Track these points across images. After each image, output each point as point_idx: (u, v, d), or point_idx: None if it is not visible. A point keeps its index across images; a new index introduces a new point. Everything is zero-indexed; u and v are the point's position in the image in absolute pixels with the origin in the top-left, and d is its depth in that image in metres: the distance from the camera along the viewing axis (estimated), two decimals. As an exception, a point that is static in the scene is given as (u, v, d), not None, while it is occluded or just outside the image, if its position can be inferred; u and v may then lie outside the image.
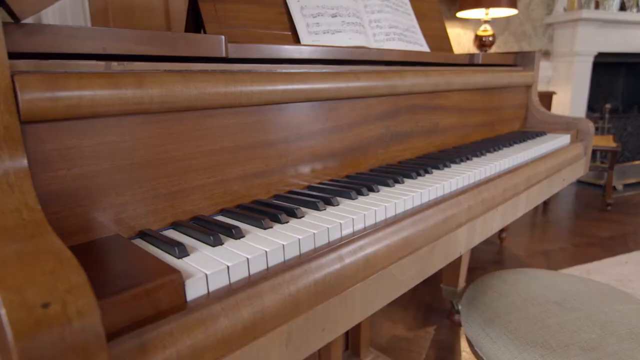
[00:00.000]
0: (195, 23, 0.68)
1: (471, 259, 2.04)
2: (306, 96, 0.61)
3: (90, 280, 0.27)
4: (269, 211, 0.51)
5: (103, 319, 0.26)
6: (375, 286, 0.51)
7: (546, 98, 2.79)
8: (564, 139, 1.15)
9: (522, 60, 1.27)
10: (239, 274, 0.40)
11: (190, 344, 0.34)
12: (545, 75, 3.25)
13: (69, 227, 0.42)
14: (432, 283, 1.79)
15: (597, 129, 3.35)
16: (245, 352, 0.38)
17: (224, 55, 0.58)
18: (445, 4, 2.80)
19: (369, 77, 0.70)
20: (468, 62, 1.12)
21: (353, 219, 0.51)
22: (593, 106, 3.69)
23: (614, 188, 3.18)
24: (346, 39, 0.80)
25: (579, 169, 1.19)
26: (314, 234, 0.46)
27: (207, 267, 0.38)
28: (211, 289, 0.38)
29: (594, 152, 3.37)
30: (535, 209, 2.78)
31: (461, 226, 0.66)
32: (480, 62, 1.12)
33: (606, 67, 3.75)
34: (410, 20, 1.01)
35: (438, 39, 1.14)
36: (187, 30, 0.70)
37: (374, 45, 0.89)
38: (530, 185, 0.89)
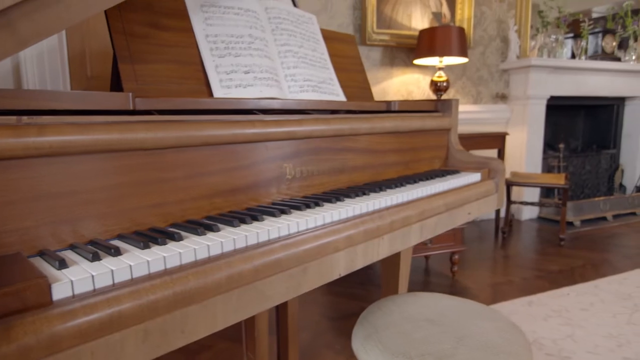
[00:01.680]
0: (118, 80, 0.81)
1: (425, 291, 2.13)
2: (202, 141, 0.73)
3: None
4: (155, 236, 0.62)
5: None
6: (239, 298, 0.61)
7: (500, 139, 2.97)
8: (474, 177, 1.28)
9: (442, 106, 1.42)
10: (103, 282, 0.50)
11: (49, 333, 0.44)
12: (503, 116, 3.45)
13: (-27, 246, 0.52)
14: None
15: (554, 167, 3.53)
16: (101, 343, 0.48)
17: (131, 108, 0.70)
18: (405, 52, 3.02)
19: (266, 124, 0.83)
20: (385, 108, 1.27)
21: (222, 242, 0.62)
22: (554, 145, 3.89)
23: (572, 224, 3.32)
24: (257, 92, 0.94)
25: (491, 204, 1.32)
26: (180, 253, 0.57)
27: (75, 276, 0.49)
28: (77, 292, 0.48)
29: (551, 189, 3.53)
30: (495, 243, 2.90)
31: (339, 251, 0.77)
32: (396, 108, 1.27)
33: (567, 109, 3.99)
34: (327, 73, 1.16)
35: (360, 89, 1.29)
36: (112, 85, 0.83)
37: (289, 96, 1.03)
38: (425, 218, 1.01)
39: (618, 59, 3.69)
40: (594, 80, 3.58)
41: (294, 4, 1.40)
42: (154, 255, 0.56)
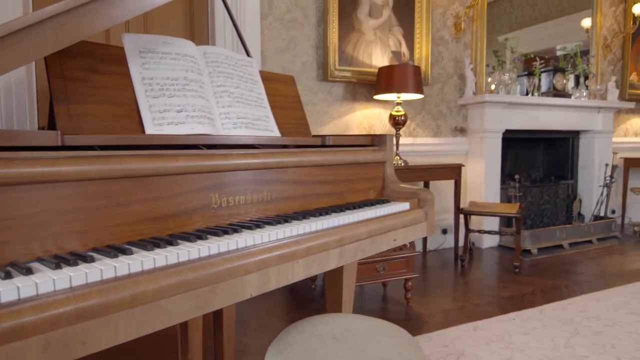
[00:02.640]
0: (54, 119, 0.90)
1: (379, 317, 2.20)
2: (123, 174, 0.82)
3: None
4: (69, 258, 0.70)
5: None
6: (143, 315, 0.69)
7: (456, 170, 3.12)
8: (403, 206, 1.39)
9: (378, 140, 1.54)
10: (9, 297, 0.58)
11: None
12: (462, 149, 3.62)
13: None
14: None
15: (512, 197, 3.68)
16: (2, 351, 0.55)
17: (59, 144, 0.79)
18: (367, 88, 3.18)
19: (189, 159, 0.92)
20: (321, 143, 1.38)
21: (129, 263, 0.70)
22: (518, 176, 4.06)
23: (529, 251, 3.45)
24: (188, 129, 1.03)
25: (419, 231, 1.42)
26: (86, 273, 0.65)
27: (-18, 292, 0.56)
28: (-18, 306, 0.56)
29: (510, 219, 3.67)
30: (455, 271, 2.99)
31: (250, 273, 0.85)
32: (330, 143, 1.38)
33: (527, 141, 4.20)
34: (263, 111, 1.27)
35: (297, 125, 1.40)
36: (49, 123, 0.92)
37: (222, 132, 1.13)
38: (345, 244, 1.10)
39: (569, 96, 3.93)
40: (547, 115, 3.79)
41: (246, 51, 1.53)
42: (62, 275, 0.64)
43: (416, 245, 3.45)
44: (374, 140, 1.54)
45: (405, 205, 1.40)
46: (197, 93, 1.10)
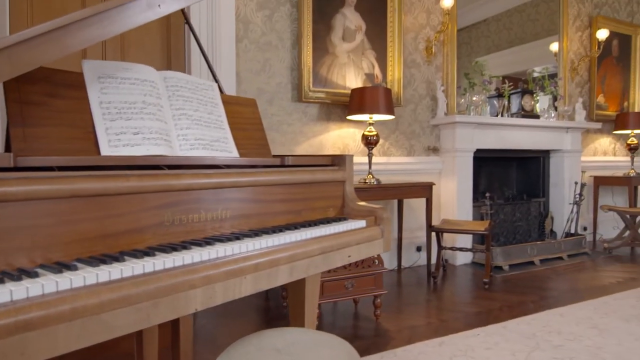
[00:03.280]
0: (9, 142, 0.94)
1: (348, 334, 2.23)
2: (71, 193, 0.86)
3: None
4: (15, 274, 0.73)
5: None
6: (83, 327, 0.73)
7: (427, 188, 3.20)
8: (359, 224, 1.44)
9: (338, 160, 1.60)
10: (-53, 311, 0.62)
11: None
12: (436, 167, 3.71)
13: None
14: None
15: (485, 214, 3.77)
16: (-63, 362, 0.58)
17: (11, 165, 0.84)
18: (341, 108, 3.27)
19: (141, 179, 0.97)
20: (280, 163, 1.44)
21: (71, 279, 0.74)
22: (491, 195, 4.16)
23: (501, 268, 3.52)
24: (144, 150, 1.08)
25: (375, 248, 1.47)
26: (27, 287, 0.69)
27: None
28: None
29: (482, 236, 3.74)
30: (427, 288, 3.04)
31: (195, 288, 0.90)
32: (289, 163, 1.44)
33: (500, 160, 4.32)
34: (222, 133, 1.32)
35: (258, 146, 1.46)
36: (6, 145, 0.97)
37: (179, 153, 1.18)
38: (296, 260, 1.14)
39: (537, 117, 4.07)
40: (517, 135, 3.92)
41: (213, 75, 1.60)
42: (4, 289, 0.67)
43: (390, 263, 3.51)
44: (334, 160, 1.61)
45: (361, 223, 1.45)
46: (154, 116, 1.15)
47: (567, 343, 2.09)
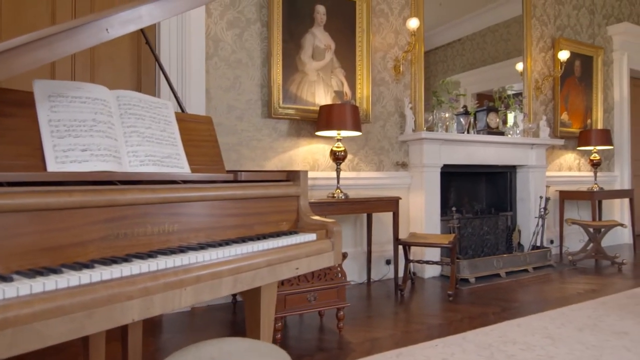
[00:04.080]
0: (-45, 157, 0.98)
1: (311, 346, 2.26)
2: (14, 208, 0.90)
3: None
4: (-52, 286, 0.77)
5: None
6: (15, 336, 0.76)
7: (394, 202, 3.28)
8: (309, 237, 1.50)
9: (292, 176, 1.66)
10: None
11: None
12: (405, 182, 3.80)
13: None
14: None
15: (452, 228, 3.86)
16: None
17: (-48, 181, 0.87)
18: (310, 124, 3.35)
19: (84, 194, 1.01)
20: (233, 178, 1.49)
21: (4, 289, 0.78)
22: (458, 208, 4.27)
23: (468, 280, 3.60)
24: (92, 166, 1.13)
25: (325, 261, 1.53)
26: (-43, 298, 0.72)
27: None
28: None
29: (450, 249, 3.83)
30: (395, 300, 3.10)
31: (132, 299, 0.93)
32: (242, 178, 1.49)
33: (470, 175, 4.44)
34: (174, 149, 1.37)
35: (211, 162, 1.51)
36: (-49, 161, 1.00)
37: (129, 169, 1.22)
38: (240, 272, 1.19)
39: (502, 133, 4.22)
40: (483, 151, 4.05)
41: (180, 105, 1.65)
42: None
43: (360, 276, 3.56)
44: (289, 176, 1.66)
45: (311, 236, 1.51)
46: (104, 133, 1.20)
47: (519, 353, 2.16)
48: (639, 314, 2.74)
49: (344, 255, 2.44)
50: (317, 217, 1.63)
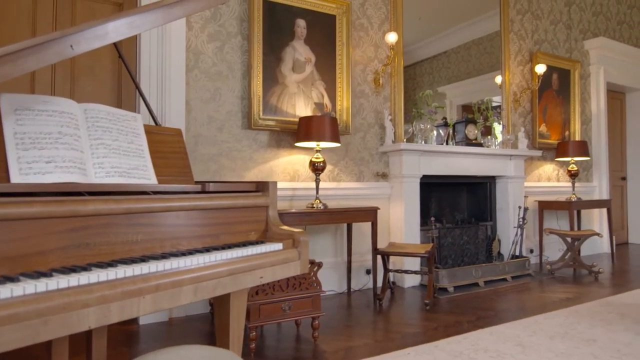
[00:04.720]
0: None
1: (286, 355, 2.28)
2: (-29, 219, 0.93)
3: None
4: None
5: None
6: (-34, 342, 0.79)
7: (372, 212, 3.33)
8: (276, 246, 1.54)
9: (262, 186, 1.70)
10: None
11: None
12: (385, 192, 3.86)
13: None
14: None
15: (431, 238, 3.92)
16: None
17: None
18: (290, 135, 3.40)
19: (46, 205, 1.04)
20: (202, 189, 1.53)
21: (-43, 297, 0.80)
22: (439, 218, 4.33)
23: (446, 289, 3.65)
24: (55, 177, 1.16)
25: (291, 270, 1.56)
26: None
27: None
28: None
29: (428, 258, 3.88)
30: (374, 309, 3.13)
31: (89, 307, 0.96)
32: (210, 189, 1.53)
33: (450, 186, 4.51)
34: (142, 161, 1.41)
35: (180, 173, 1.55)
36: None
37: (94, 181, 1.26)
38: (202, 281, 1.22)
39: (480, 145, 4.30)
40: (462, 162, 4.13)
41: (153, 118, 1.69)
42: None
43: (340, 286, 3.59)
44: (258, 187, 1.70)
45: (277, 246, 1.55)
46: (70, 146, 1.23)
47: (490, 360, 2.20)
48: (610, 322, 2.80)
49: (319, 265, 2.47)
50: (285, 227, 1.66)
